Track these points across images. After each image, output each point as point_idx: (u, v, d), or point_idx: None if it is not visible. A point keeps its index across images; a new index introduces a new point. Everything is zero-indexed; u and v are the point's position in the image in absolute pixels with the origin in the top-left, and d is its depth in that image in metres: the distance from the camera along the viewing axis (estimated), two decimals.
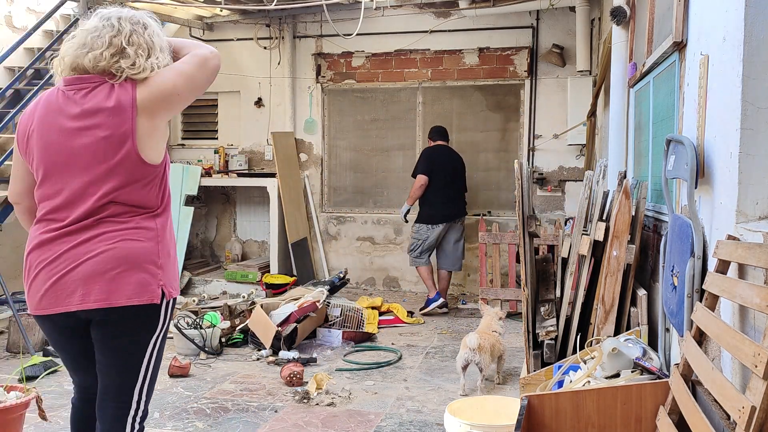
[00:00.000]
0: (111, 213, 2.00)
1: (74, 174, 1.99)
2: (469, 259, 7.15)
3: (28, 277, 2.03)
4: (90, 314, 1.97)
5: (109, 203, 1.99)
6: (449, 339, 5.40)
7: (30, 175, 2.10)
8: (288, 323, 4.89)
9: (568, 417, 2.34)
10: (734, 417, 1.66)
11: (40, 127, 2.03)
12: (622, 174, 3.65)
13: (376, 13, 6.81)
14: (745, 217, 2.12)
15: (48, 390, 4.01)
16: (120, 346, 2.04)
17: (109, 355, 2.05)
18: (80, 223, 1.98)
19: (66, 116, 2.01)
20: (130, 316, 1.99)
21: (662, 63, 3.41)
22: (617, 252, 3.44)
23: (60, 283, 1.96)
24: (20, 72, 6.03)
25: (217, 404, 3.87)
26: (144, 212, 2.05)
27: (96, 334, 2.04)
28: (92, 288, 1.94)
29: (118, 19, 2.06)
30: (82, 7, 6.02)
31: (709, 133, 2.47)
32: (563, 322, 3.73)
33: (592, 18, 6.46)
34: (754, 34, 2.09)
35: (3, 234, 6.12)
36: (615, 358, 2.67)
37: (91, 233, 1.97)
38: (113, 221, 2.00)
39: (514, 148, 7.14)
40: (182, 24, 7.16)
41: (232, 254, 7.69)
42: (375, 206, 7.57)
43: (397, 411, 3.77)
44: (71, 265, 1.95)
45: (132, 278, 1.97)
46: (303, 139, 7.68)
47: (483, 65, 7.12)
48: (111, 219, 2.00)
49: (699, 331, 2.14)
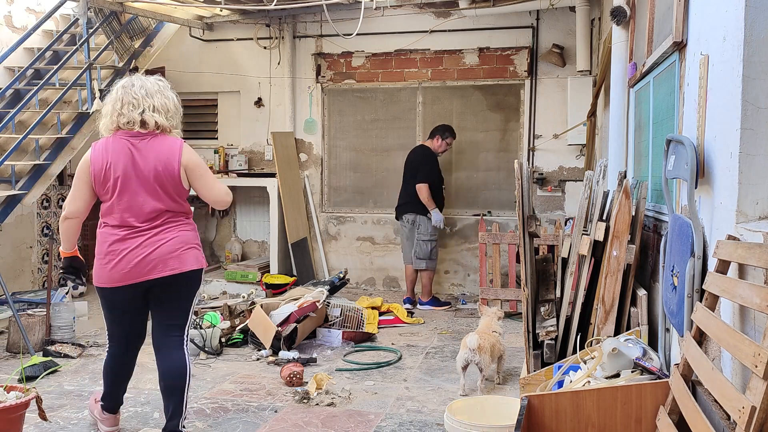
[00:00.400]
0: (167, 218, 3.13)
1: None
2: (469, 259, 7.15)
3: (114, 260, 3.02)
4: (164, 279, 3.05)
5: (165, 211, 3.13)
6: (449, 339, 5.40)
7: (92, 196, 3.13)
8: (288, 323, 4.89)
9: (568, 417, 2.34)
10: (734, 417, 1.66)
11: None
12: (622, 174, 3.65)
13: (376, 13, 6.81)
14: (745, 217, 2.12)
15: (48, 390, 4.01)
16: (182, 298, 3.15)
17: (175, 305, 3.15)
18: (148, 224, 3.07)
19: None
20: (191, 277, 3.13)
21: (662, 63, 3.41)
22: (617, 252, 3.44)
23: (146, 259, 3.03)
24: (20, 72, 6.03)
25: (217, 404, 3.87)
26: (183, 215, 3.21)
27: (165, 293, 3.10)
28: (168, 262, 3.05)
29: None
30: (82, 7, 6.02)
31: (709, 133, 2.47)
32: (563, 322, 3.73)
33: (592, 18, 6.46)
34: (754, 34, 2.09)
35: (3, 234, 6.12)
36: (615, 358, 2.67)
37: (158, 230, 3.08)
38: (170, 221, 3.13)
39: (514, 148, 7.14)
40: (182, 24, 7.15)
41: (232, 254, 7.70)
42: (375, 206, 7.57)
43: (397, 411, 3.77)
44: (150, 249, 3.04)
45: (190, 254, 3.13)
46: (303, 139, 7.68)
47: (483, 65, 7.12)
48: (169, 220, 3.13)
49: (699, 331, 2.14)
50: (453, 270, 7.27)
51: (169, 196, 3.09)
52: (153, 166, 3.05)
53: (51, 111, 5.79)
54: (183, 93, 7.92)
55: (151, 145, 3.07)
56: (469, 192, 7.13)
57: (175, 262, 3.06)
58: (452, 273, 7.28)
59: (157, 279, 3.04)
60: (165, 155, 3.07)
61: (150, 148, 3.07)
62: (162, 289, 3.08)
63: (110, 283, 3.04)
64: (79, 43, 6.12)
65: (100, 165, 3.06)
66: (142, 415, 3.68)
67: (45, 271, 6.83)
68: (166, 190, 3.08)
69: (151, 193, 3.06)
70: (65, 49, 6.55)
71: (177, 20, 7.01)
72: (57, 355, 4.71)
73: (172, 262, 3.05)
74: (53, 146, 5.86)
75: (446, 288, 7.29)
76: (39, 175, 5.69)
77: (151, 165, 3.05)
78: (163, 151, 3.08)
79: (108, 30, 6.31)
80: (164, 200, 3.09)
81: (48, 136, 5.90)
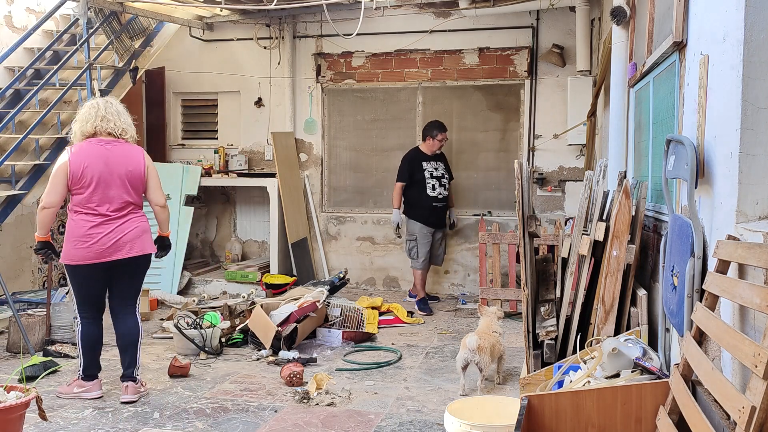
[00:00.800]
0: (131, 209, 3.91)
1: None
2: (469, 258, 7.15)
3: (89, 241, 3.75)
4: (129, 259, 3.84)
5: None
6: (449, 339, 5.40)
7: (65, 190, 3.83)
8: (288, 323, 4.89)
9: (568, 417, 2.34)
10: (734, 417, 1.66)
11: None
12: (622, 174, 3.65)
13: (376, 13, 6.81)
14: (745, 217, 2.12)
15: (48, 390, 4.01)
16: (139, 274, 3.99)
17: (133, 281, 3.97)
18: (116, 213, 3.83)
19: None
20: (148, 258, 3.97)
21: (662, 63, 3.41)
22: (617, 252, 3.44)
23: (117, 243, 3.81)
24: (20, 72, 6.03)
25: (217, 404, 3.87)
26: (140, 208, 4.00)
27: (126, 270, 3.88)
28: (133, 245, 3.85)
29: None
30: (82, 7, 6.02)
31: (709, 133, 2.47)
32: (563, 322, 3.73)
33: (592, 18, 6.46)
34: (754, 34, 2.09)
35: (3, 234, 6.12)
36: (615, 358, 2.67)
37: (124, 219, 3.85)
38: (133, 212, 3.91)
39: (514, 148, 7.14)
40: (182, 24, 7.16)
41: (232, 254, 7.69)
42: (375, 206, 7.57)
43: (397, 411, 3.77)
44: (121, 234, 3.82)
45: (148, 240, 3.96)
46: (303, 139, 7.68)
47: (483, 65, 7.12)
48: (132, 211, 3.91)
49: (699, 331, 2.14)
50: (453, 270, 7.27)
51: (135, 191, 3.89)
52: (124, 166, 3.84)
53: (51, 111, 5.79)
54: (183, 93, 7.99)
55: (121, 150, 3.87)
56: (469, 192, 7.13)
57: (138, 245, 3.87)
58: (452, 273, 7.28)
59: (123, 258, 3.82)
60: (134, 158, 3.89)
61: (120, 152, 3.85)
62: (125, 266, 3.86)
63: (85, 260, 3.76)
64: (79, 43, 6.12)
65: (77, 166, 3.76)
66: (142, 415, 3.69)
67: (45, 271, 6.83)
68: (134, 186, 3.88)
69: (122, 188, 3.83)
70: (65, 49, 6.55)
71: (177, 20, 7.01)
72: (57, 355, 4.71)
73: (137, 245, 3.86)
74: (53, 146, 5.87)
75: (446, 288, 7.29)
76: (39, 175, 5.70)
77: (122, 165, 3.83)
78: (132, 155, 3.89)
79: (108, 30, 6.31)
80: (131, 194, 3.87)
81: (48, 136, 5.90)
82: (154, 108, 7.87)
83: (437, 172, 6.47)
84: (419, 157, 6.48)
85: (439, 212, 6.49)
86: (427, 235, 6.43)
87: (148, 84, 7.82)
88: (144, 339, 5.33)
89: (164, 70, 7.81)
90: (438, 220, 6.50)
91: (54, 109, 5.83)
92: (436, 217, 6.48)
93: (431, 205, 6.43)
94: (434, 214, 6.46)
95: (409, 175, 6.46)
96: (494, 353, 4.07)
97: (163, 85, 7.87)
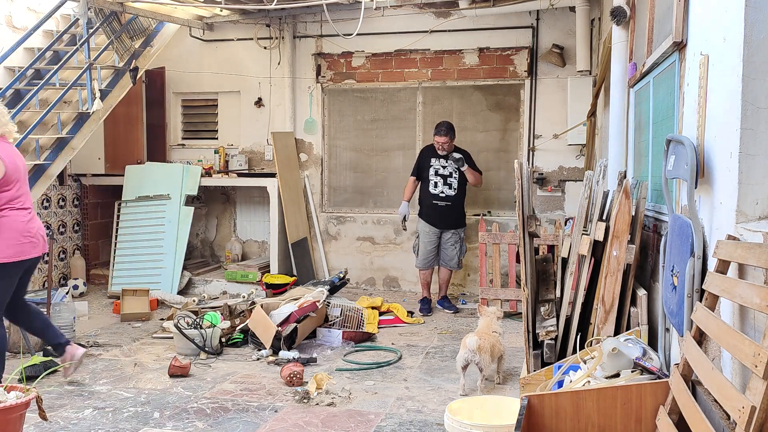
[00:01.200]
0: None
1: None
2: (469, 258, 7.15)
3: (29, 236, 3.91)
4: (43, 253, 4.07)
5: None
6: (449, 339, 5.40)
7: None
8: (288, 323, 4.89)
9: (568, 417, 2.35)
10: (734, 417, 1.66)
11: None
12: (622, 174, 3.65)
13: (376, 13, 6.81)
14: (745, 217, 2.12)
15: (48, 390, 4.01)
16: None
17: (30, 277, 4.17)
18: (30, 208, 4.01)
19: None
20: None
21: (662, 63, 3.41)
22: (617, 252, 3.44)
23: (44, 236, 4.06)
24: (20, 72, 6.03)
25: (217, 404, 3.87)
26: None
27: (36, 262, 4.04)
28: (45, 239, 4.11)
29: None
30: (82, 7, 6.01)
31: (709, 133, 2.47)
32: (563, 322, 3.73)
33: (592, 18, 6.46)
34: (754, 34, 2.09)
35: None
36: (615, 358, 2.67)
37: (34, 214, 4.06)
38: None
39: (514, 148, 7.14)
40: (182, 24, 7.15)
41: (232, 254, 7.69)
42: (375, 206, 7.57)
43: (397, 411, 3.77)
44: (42, 229, 4.06)
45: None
46: (303, 139, 7.68)
47: (483, 65, 7.12)
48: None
49: (699, 331, 2.14)
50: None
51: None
52: (24, 163, 4.06)
53: (51, 111, 5.79)
54: (183, 93, 7.99)
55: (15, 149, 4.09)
56: (469, 192, 7.12)
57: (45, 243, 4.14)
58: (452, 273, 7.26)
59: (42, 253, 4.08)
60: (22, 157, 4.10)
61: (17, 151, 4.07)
62: (37, 259, 4.05)
63: (23, 256, 3.89)
64: (79, 43, 6.12)
65: (14, 163, 3.91)
66: (142, 415, 3.69)
67: (45, 271, 6.83)
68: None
69: (28, 184, 4.11)
70: (65, 49, 6.55)
71: (177, 20, 7.01)
72: (56, 354, 4.70)
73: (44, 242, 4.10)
74: (53, 146, 5.86)
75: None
76: (39, 175, 5.70)
77: (24, 163, 4.06)
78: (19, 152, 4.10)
79: (108, 30, 6.31)
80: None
81: (48, 136, 5.90)
82: (154, 108, 7.87)
83: (444, 170, 6.38)
84: (429, 154, 6.47)
85: (441, 211, 6.38)
86: (429, 233, 6.39)
87: (148, 84, 7.82)
88: (144, 339, 5.34)
89: (164, 70, 7.81)
90: (440, 219, 6.38)
91: (54, 109, 5.83)
92: (438, 216, 6.39)
93: (432, 203, 6.40)
94: (435, 213, 6.39)
95: (418, 170, 6.49)
96: (494, 353, 4.07)
97: (163, 85, 7.87)
